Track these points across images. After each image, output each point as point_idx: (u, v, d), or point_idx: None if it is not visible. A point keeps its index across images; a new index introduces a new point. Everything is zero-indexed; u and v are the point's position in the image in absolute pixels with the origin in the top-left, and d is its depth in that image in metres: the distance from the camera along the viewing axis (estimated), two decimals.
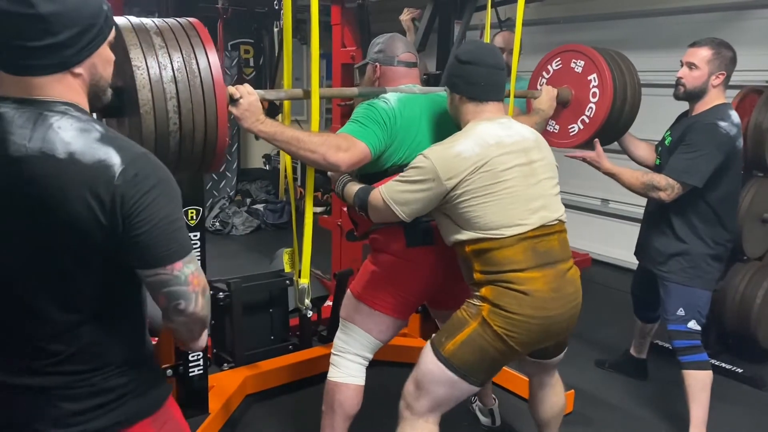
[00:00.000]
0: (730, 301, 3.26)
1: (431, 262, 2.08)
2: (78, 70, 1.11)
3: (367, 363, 2.19)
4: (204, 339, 1.29)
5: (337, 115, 3.52)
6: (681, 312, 2.55)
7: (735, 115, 2.53)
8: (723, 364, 3.25)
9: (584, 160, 2.58)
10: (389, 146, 2.00)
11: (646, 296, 2.92)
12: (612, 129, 2.66)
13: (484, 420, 2.74)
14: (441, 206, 1.85)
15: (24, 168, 1.05)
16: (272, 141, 1.86)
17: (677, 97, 2.61)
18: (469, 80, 1.90)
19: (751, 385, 3.19)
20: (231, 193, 6.68)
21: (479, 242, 1.81)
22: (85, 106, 1.14)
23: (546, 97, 2.55)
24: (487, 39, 2.61)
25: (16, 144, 1.05)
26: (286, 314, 3.13)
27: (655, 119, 3.16)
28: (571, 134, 2.63)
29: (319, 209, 6.19)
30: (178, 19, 1.67)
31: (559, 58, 2.72)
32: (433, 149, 1.85)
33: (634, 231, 2.87)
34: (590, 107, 2.61)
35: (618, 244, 4.99)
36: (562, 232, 1.93)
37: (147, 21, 1.60)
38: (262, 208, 6.33)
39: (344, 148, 1.88)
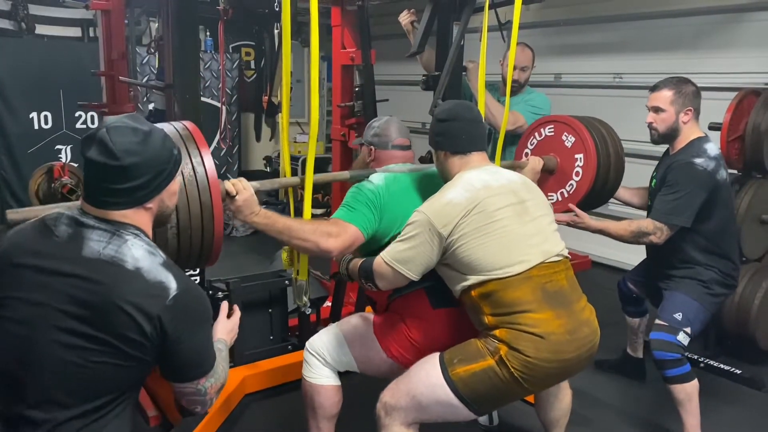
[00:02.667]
0: (728, 302, 3.25)
1: (454, 323, 2.04)
2: (149, 205, 1.32)
3: (338, 371, 2.18)
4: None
5: (337, 116, 3.53)
6: (678, 316, 2.53)
7: (712, 148, 2.57)
8: (722, 365, 3.25)
9: (568, 224, 2.64)
10: (381, 224, 2.04)
11: (638, 289, 2.97)
12: (591, 202, 2.78)
13: (482, 419, 2.74)
14: (442, 257, 1.87)
15: (94, 268, 1.23)
16: (266, 232, 1.93)
17: (654, 141, 2.68)
18: (450, 135, 1.99)
19: (750, 386, 3.18)
20: None
21: (485, 285, 1.82)
22: (150, 232, 1.35)
23: (530, 169, 2.66)
24: (484, 42, 2.61)
25: (91, 248, 1.24)
26: (285, 314, 3.14)
27: None
28: (551, 202, 2.68)
29: (319, 211, 6.20)
30: (174, 124, 1.77)
31: (552, 126, 2.82)
32: (425, 204, 1.92)
33: None
34: (571, 183, 2.74)
35: (617, 247, 4.95)
36: (568, 270, 1.93)
37: None
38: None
39: (335, 234, 1.94)
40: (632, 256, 3.00)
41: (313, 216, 2.13)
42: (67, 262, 1.23)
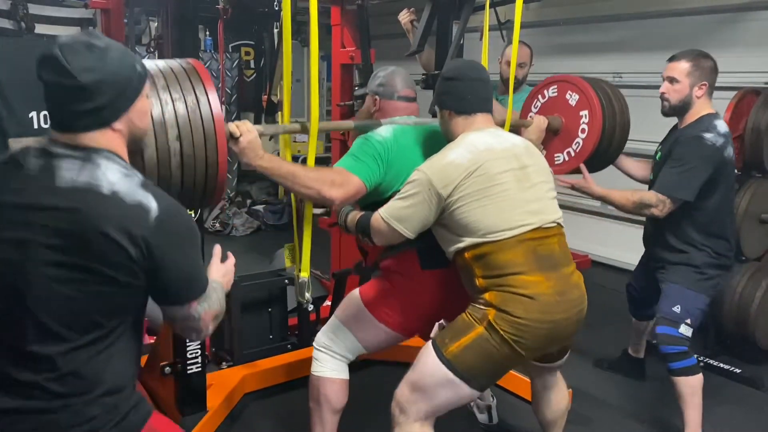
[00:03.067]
0: (728, 302, 3.26)
1: (445, 284, 2.08)
2: (117, 125, 1.26)
3: (349, 361, 2.20)
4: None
5: (336, 115, 3.53)
6: (677, 309, 2.54)
7: (722, 125, 2.54)
8: (721, 365, 3.26)
9: (572, 187, 2.62)
10: (386, 177, 2.04)
11: (643, 293, 2.93)
12: (596, 163, 2.71)
13: (481, 418, 2.75)
14: (439, 217, 1.87)
15: (69, 197, 1.18)
16: (269, 176, 1.92)
17: (664, 113, 2.63)
18: (456, 95, 1.97)
19: (750, 385, 3.19)
20: (231, 195, 6.70)
21: (478, 247, 1.82)
22: (125, 155, 1.30)
23: (535, 128, 2.60)
24: (485, 41, 2.61)
25: (64, 178, 1.19)
26: (284, 313, 3.15)
27: (654, 121, 3.15)
28: (557, 163, 2.67)
29: (319, 210, 6.19)
30: (179, 60, 1.74)
31: (555, 86, 2.77)
32: (426, 162, 1.90)
33: (632, 232, 2.89)
34: (578, 141, 2.67)
35: (617, 246, 5.00)
36: (561, 235, 1.94)
37: (150, 63, 1.67)
38: (262, 210, 6.35)
39: (338, 183, 1.93)
40: (632, 255, 2.99)
41: (313, 216, 2.13)
42: (43, 194, 1.19)
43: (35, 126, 3.03)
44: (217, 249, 1.62)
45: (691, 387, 2.50)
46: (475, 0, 2.96)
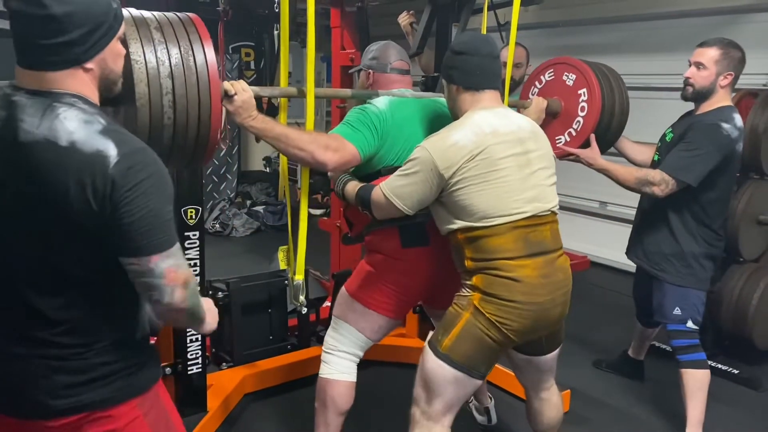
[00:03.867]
0: (726, 303, 3.27)
1: (426, 263, 2.11)
2: (89, 65, 1.18)
3: (358, 360, 2.21)
4: (209, 325, 1.36)
5: (336, 117, 3.54)
6: (678, 311, 2.57)
7: (738, 119, 2.53)
8: (719, 365, 3.27)
9: (577, 158, 2.60)
10: (380, 149, 2.03)
11: (647, 302, 2.89)
12: (599, 142, 2.67)
13: (480, 419, 2.76)
14: (438, 196, 1.87)
15: (30, 153, 1.13)
16: (262, 137, 1.88)
17: (685, 98, 2.60)
18: (465, 70, 1.92)
19: (747, 386, 3.20)
20: (231, 195, 6.71)
21: (472, 230, 1.83)
22: (95, 98, 1.22)
23: (535, 108, 2.57)
24: None
25: (25, 131, 1.13)
26: (284, 314, 3.15)
27: (653, 122, 3.18)
28: (558, 145, 2.66)
29: (318, 211, 6.21)
30: (178, 14, 1.70)
31: (552, 70, 2.76)
32: (430, 140, 1.87)
33: None
34: (578, 120, 2.64)
35: (616, 247, 4.96)
36: (554, 223, 1.94)
37: (148, 15, 1.64)
38: (262, 210, 6.36)
39: (333, 148, 1.91)
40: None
41: (312, 217, 2.14)
42: (7, 150, 1.14)
43: None
44: None
45: (698, 381, 2.52)
46: (474, 2, 2.97)
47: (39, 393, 1.21)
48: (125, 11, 1.59)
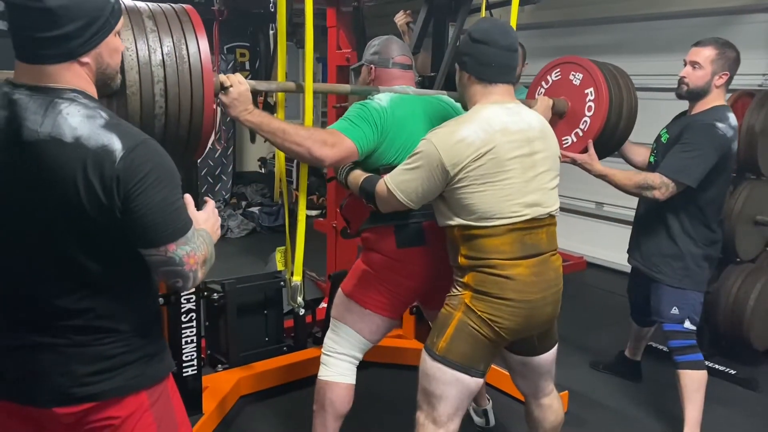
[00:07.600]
0: (723, 303, 3.27)
1: (422, 263, 2.10)
2: (85, 59, 1.19)
3: (357, 362, 2.20)
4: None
5: (332, 117, 3.52)
6: (675, 311, 2.57)
7: (733, 118, 2.53)
8: (716, 366, 3.27)
9: (574, 162, 2.58)
10: (380, 145, 2.01)
11: (642, 301, 2.90)
12: (606, 143, 2.66)
13: (478, 420, 2.74)
14: (442, 190, 1.85)
15: (36, 152, 1.14)
16: (258, 131, 1.85)
17: (680, 96, 2.60)
18: (480, 60, 1.85)
19: (744, 386, 3.20)
20: (227, 196, 6.68)
21: (469, 229, 1.82)
22: (93, 92, 1.22)
23: (541, 107, 2.53)
24: None
25: (29, 129, 1.14)
26: (280, 316, 3.14)
27: (652, 123, 3.16)
28: (564, 146, 2.65)
29: (314, 212, 6.20)
30: (172, 5, 1.69)
31: (558, 69, 2.73)
32: (436, 133, 1.81)
33: (628, 234, 2.88)
34: (585, 120, 2.61)
35: (612, 247, 5.00)
36: (551, 226, 1.93)
37: (141, 4, 1.63)
38: (257, 211, 6.34)
39: (330, 144, 1.88)
40: (626, 258, 2.99)
41: (308, 218, 2.12)
42: (11, 149, 1.15)
43: None
44: (188, 198, 1.43)
45: (695, 382, 2.52)
46: (471, 2, 2.96)
47: (61, 381, 1.23)
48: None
